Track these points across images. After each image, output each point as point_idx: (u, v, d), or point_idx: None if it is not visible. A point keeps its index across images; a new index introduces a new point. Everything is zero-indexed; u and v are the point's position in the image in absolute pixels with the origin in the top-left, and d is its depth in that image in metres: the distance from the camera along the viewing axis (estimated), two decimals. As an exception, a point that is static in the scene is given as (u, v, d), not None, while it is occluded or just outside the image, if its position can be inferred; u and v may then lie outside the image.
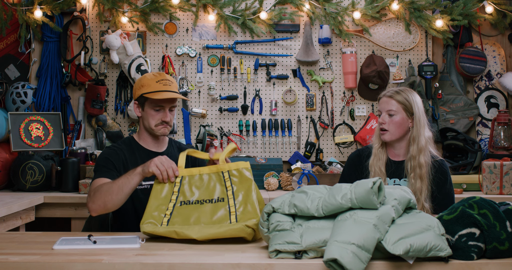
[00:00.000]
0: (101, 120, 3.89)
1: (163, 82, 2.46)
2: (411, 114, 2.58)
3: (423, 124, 2.59)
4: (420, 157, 2.54)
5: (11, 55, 3.98)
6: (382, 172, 2.59)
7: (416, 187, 2.52)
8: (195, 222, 2.05)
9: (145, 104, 2.48)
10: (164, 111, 2.46)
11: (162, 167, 2.11)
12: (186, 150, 2.27)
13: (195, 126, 4.01)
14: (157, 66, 4.01)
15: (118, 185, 2.18)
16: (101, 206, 2.21)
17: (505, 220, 1.77)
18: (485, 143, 4.02)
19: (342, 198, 1.81)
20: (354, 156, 2.74)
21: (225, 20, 3.95)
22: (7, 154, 3.65)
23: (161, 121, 2.46)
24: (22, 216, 3.18)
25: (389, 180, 2.61)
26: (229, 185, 2.11)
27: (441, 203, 2.56)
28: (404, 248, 1.69)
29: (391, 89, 2.65)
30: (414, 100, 2.59)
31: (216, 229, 2.01)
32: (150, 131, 2.50)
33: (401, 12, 3.98)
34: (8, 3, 3.83)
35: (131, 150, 2.49)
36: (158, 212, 2.08)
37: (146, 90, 2.44)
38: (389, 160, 2.64)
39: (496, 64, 4.11)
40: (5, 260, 1.77)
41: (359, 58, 4.04)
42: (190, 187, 2.13)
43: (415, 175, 2.54)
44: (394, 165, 2.63)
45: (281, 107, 4.05)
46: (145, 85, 2.46)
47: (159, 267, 1.75)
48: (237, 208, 2.05)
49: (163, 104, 2.45)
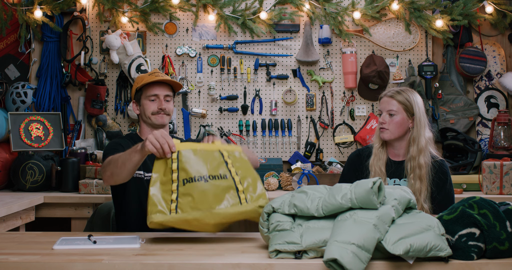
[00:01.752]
0: (101, 120, 3.89)
1: (155, 74, 2.58)
2: (411, 114, 2.58)
3: (424, 125, 2.58)
4: (420, 157, 2.54)
5: (11, 55, 3.98)
6: (382, 172, 2.59)
7: (416, 188, 2.52)
8: (203, 204, 1.94)
9: (141, 97, 2.58)
10: (159, 100, 2.54)
11: (157, 144, 1.99)
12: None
13: (195, 126, 4.01)
14: (157, 66, 4.01)
15: (121, 160, 2.15)
16: (110, 177, 2.21)
17: (505, 220, 1.77)
18: (485, 143, 4.02)
19: (342, 198, 1.81)
20: (354, 156, 2.74)
21: (225, 20, 3.96)
22: (7, 154, 3.65)
23: (157, 109, 2.53)
24: (22, 216, 3.18)
25: (389, 180, 2.62)
26: (229, 162, 2.06)
27: (440, 203, 2.56)
28: (404, 248, 1.69)
29: (392, 89, 2.65)
30: (415, 101, 2.59)
31: (229, 211, 1.95)
32: (149, 123, 2.58)
33: (401, 12, 3.98)
34: (8, 3, 3.83)
35: (134, 143, 2.51)
36: (164, 196, 1.96)
37: (139, 84, 2.56)
38: (389, 160, 2.64)
39: (496, 64, 4.11)
40: (5, 260, 1.77)
41: (359, 58, 4.04)
42: (189, 163, 1.99)
43: (415, 176, 2.54)
44: (394, 165, 2.63)
45: (281, 107, 4.05)
46: (138, 82, 2.58)
47: (159, 267, 1.75)
48: (245, 187, 2.01)
49: (157, 92, 2.54)
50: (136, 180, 2.49)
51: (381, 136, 2.60)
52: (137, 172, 2.50)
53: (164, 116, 2.54)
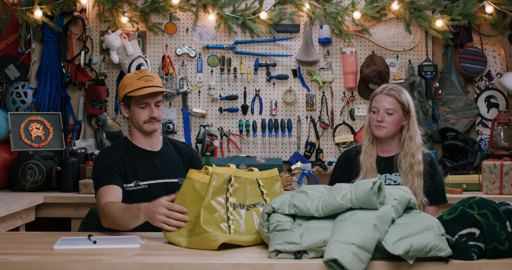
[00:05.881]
0: (101, 120, 3.89)
1: (144, 78, 2.45)
2: (407, 112, 2.63)
3: (417, 122, 2.66)
4: (418, 154, 2.60)
5: (11, 55, 3.98)
6: (373, 168, 2.64)
7: (415, 184, 2.58)
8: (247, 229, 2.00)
9: (130, 103, 2.47)
10: (150, 107, 2.45)
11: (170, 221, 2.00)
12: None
13: (195, 126, 4.01)
14: (157, 66, 4.01)
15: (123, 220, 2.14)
16: (110, 226, 2.25)
17: (505, 220, 1.77)
18: (485, 143, 4.02)
19: (342, 199, 1.81)
20: (343, 157, 2.79)
21: (225, 20, 3.95)
22: (7, 154, 3.65)
23: (148, 117, 2.45)
24: (22, 216, 3.18)
25: (380, 176, 2.64)
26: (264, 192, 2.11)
27: (433, 194, 2.63)
28: (404, 248, 1.69)
29: (386, 86, 2.67)
30: (409, 99, 2.65)
31: None
32: (140, 129, 2.49)
33: (401, 12, 3.98)
34: (8, 3, 3.83)
35: (126, 151, 2.48)
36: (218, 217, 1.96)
37: (129, 89, 2.44)
38: (379, 156, 2.68)
39: (496, 64, 4.11)
40: (5, 260, 1.77)
41: (359, 58, 4.04)
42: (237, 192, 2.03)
43: (413, 172, 2.59)
44: (384, 161, 2.67)
45: (281, 107, 4.05)
46: (127, 85, 2.45)
47: (159, 267, 1.75)
48: None
49: (148, 101, 2.44)
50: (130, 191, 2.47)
51: (376, 133, 2.63)
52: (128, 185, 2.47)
53: (155, 123, 2.46)
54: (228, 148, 4.01)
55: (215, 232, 1.89)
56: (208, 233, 1.89)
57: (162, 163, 2.51)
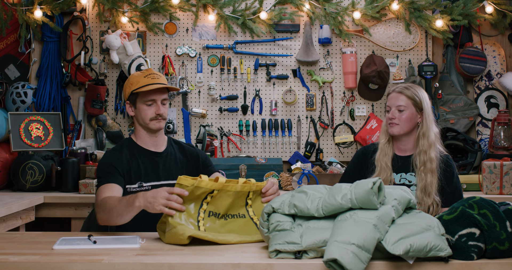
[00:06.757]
0: (101, 120, 3.89)
1: (151, 76, 2.46)
2: (420, 109, 2.62)
3: (432, 120, 2.63)
4: (431, 151, 2.58)
5: (11, 55, 3.98)
6: (388, 167, 2.62)
7: (428, 181, 2.56)
8: (227, 231, 2.07)
9: (136, 101, 2.47)
10: (157, 104, 2.46)
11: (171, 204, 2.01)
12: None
13: (195, 126, 4.01)
14: (157, 66, 4.01)
15: (118, 210, 2.13)
16: (105, 221, 2.23)
17: (505, 220, 1.77)
18: (485, 143, 4.02)
19: (342, 198, 1.81)
20: (360, 153, 2.77)
21: (225, 20, 3.96)
22: (7, 154, 3.65)
23: (155, 114, 2.46)
24: (22, 216, 3.18)
25: (395, 175, 2.63)
26: (249, 202, 2.16)
27: (449, 196, 2.59)
28: (404, 248, 1.69)
29: (400, 85, 2.67)
30: (423, 96, 2.63)
31: (250, 238, 2.07)
32: (146, 128, 2.49)
33: (401, 12, 3.98)
34: (8, 3, 3.83)
35: (131, 152, 2.48)
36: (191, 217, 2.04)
37: (135, 87, 2.45)
38: (395, 155, 2.66)
39: (496, 64, 4.11)
40: (5, 260, 1.77)
41: (359, 58, 4.04)
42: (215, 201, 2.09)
43: (426, 169, 2.57)
44: (401, 160, 2.65)
45: (281, 107, 4.05)
46: (134, 83, 2.46)
47: (159, 267, 1.75)
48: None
49: (154, 97, 2.45)
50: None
51: (390, 131, 2.62)
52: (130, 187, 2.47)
53: (161, 121, 2.47)
54: (228, 148, 4.01)
55: (182, 226, 1.97)
56: (175, 228, 1.96)
57: (166, 164, 2.51)
